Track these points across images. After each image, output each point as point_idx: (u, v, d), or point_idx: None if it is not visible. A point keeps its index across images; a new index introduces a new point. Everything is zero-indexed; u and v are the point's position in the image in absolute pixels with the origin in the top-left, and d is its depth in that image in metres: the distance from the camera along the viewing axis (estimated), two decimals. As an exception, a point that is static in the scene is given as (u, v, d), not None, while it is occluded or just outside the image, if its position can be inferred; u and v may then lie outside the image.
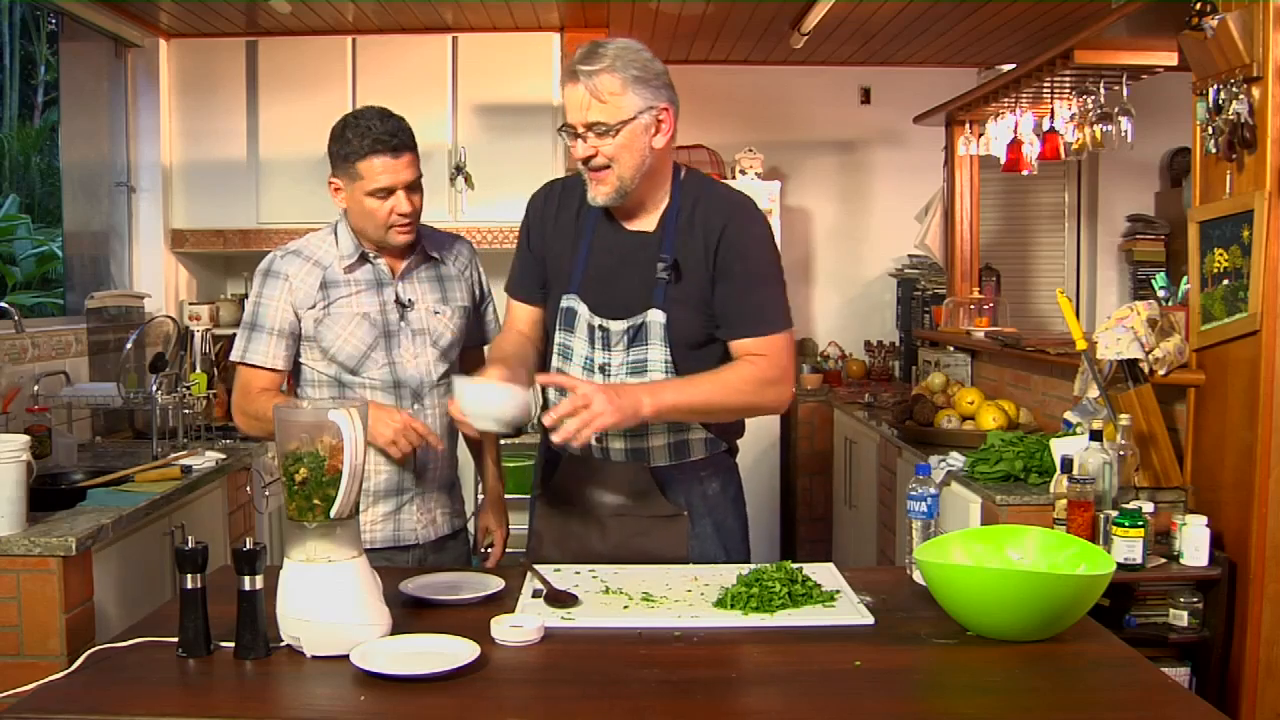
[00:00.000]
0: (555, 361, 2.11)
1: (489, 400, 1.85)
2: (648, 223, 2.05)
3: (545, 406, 2.07)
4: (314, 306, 2.17)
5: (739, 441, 2.21)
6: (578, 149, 1.96)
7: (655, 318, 2.00)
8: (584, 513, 2.11)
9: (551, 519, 2.16)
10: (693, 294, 2.01)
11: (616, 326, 2.02)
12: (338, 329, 2.17)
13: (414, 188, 2.14)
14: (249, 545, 1.57)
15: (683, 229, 2.02)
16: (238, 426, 2.25)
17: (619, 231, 2.06)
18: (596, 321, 2.04)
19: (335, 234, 2.23)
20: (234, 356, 2.21)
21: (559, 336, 2.09)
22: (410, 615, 1.72)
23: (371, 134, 2.08)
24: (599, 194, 1.98)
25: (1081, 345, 2.94)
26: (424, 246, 2.27)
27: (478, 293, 2.38)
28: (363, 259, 2.21)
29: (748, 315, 2.00)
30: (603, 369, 2.05)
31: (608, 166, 1.95)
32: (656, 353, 2.01)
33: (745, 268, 1.99)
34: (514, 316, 2.20)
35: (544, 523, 2.17)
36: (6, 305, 3.22)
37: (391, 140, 2.08)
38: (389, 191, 2.11)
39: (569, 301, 2.07)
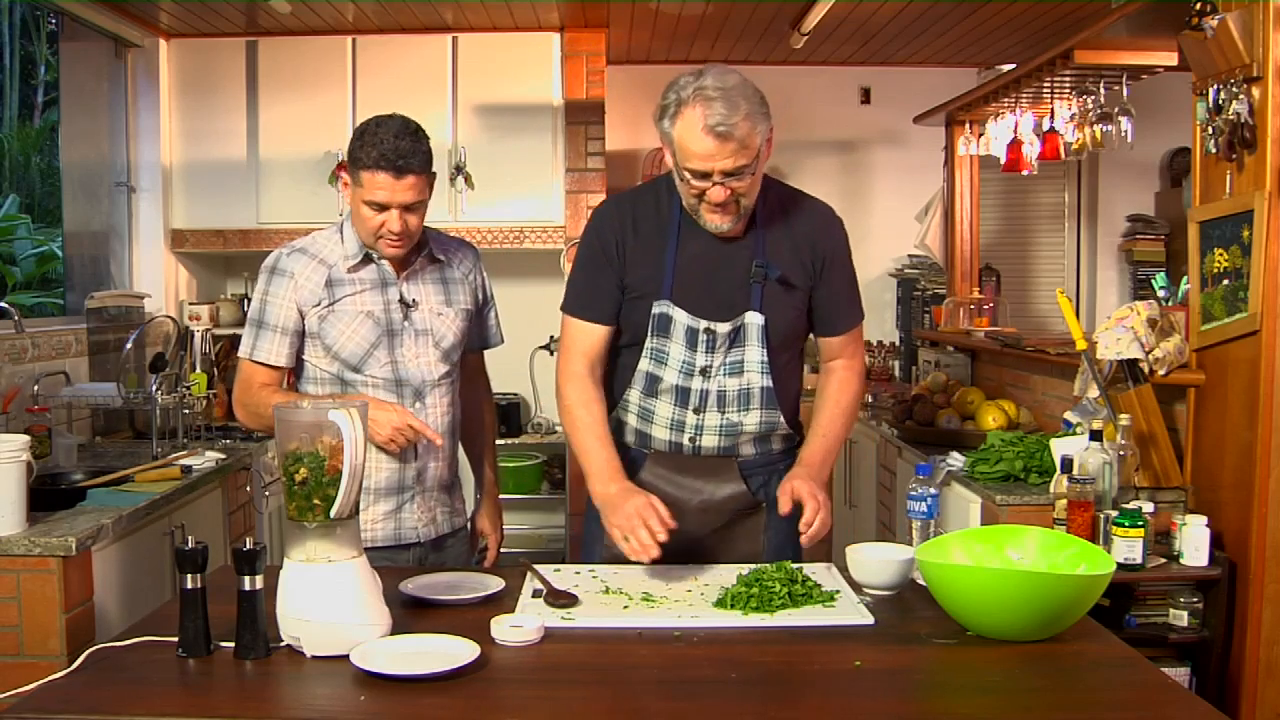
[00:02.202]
0: (646, 365, 2.10)
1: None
2: (737, 230, 2.07)
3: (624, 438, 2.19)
4: (319, 304, 2.18)
5: None
6: (712, 194, 1.93)
7: (754, 320, 2.06)
8: (670, 504, 2.10)
9: None
10: (784, 295, 2.08)
11: (723, 328, 2.06)
12: (341, 326, 2.18)
13: (412, 209, 2.12)
14: (249, 545, 1.57)
15: (775, 234, 2.08)
16: (237, 418, 2.27)
17: (710, 240, 2.06)
18: (701, 325, 2.06)
19: (341, 232, 2.23)
20: (241, 353, 2.23)
21: (652, 342, 2.09)
22: (410, 615, 1.73)
23: (381, 149, 2.06)
24: (724, 223, 2.00)
25: (1081, 345, 2.94)
26: (430, 249, 2.27)
27: (481, 297, 2.39)
28: (367, 259, 2.21)
29: (843, 313, 2.17)
30: (704, 371, 2.08)
31: (738, 202, 1.97)
32: (754, 353, 2.08)
33: (840, 274, 2.14)
34: (581, 340, 2.13)
35: None
36: (6, 305, 3.22)
37: (398, 160, 2.06)
38: (383, 207, 2.10)
39: (662, 308, 2.07)
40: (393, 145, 2.06)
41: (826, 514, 1.96)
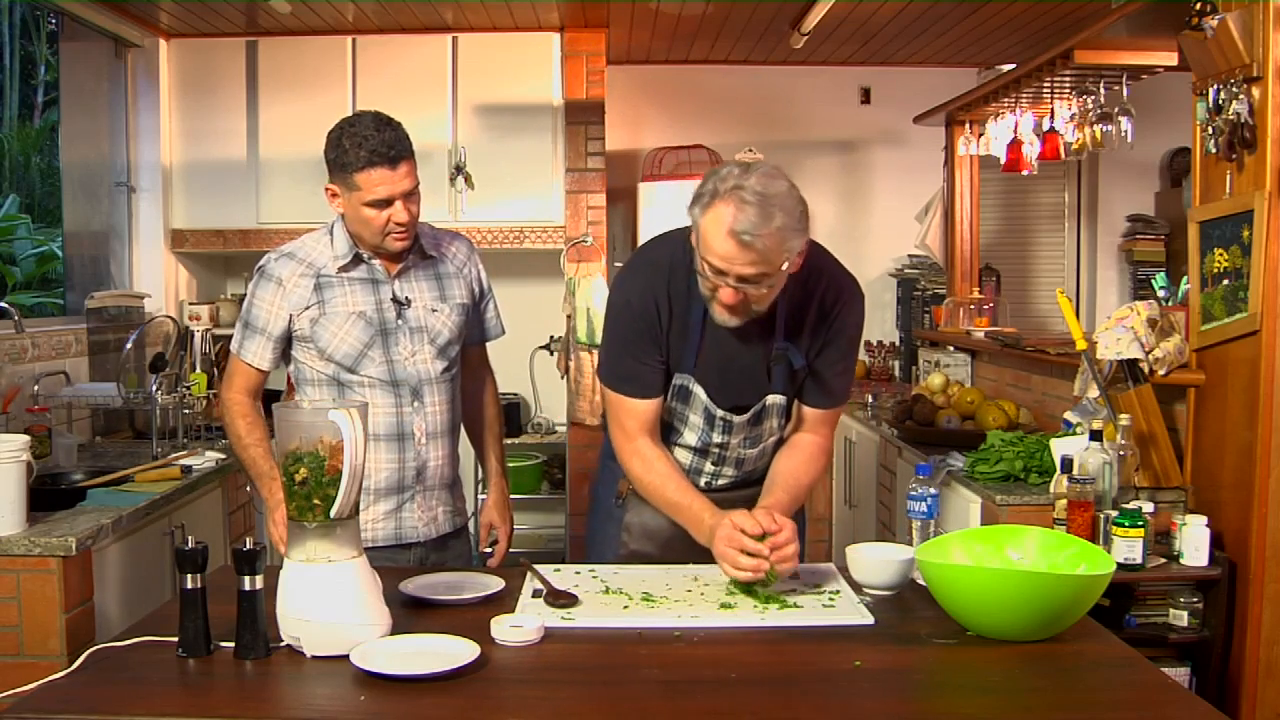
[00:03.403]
0: (666, 417, 2.11)
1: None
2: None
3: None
4: (309, 307, 2.18)
5: None
6: (722, 293, 1.88)
7: (775, 401, 2.07)
8: None
9: (645, 513, 2.17)
10: (798, 377, 2.08)
11: (739, 419, 2.07)
12: (333, 328, 2.18)
13: (412, 196, 2.13)
14: (249, 545, 1.57)
15: (796, 311, 2.02)
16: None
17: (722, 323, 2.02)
18: (718, 412, 2.06)
19: (331, 234, 2.22)
20: (232, 347, 2.26)
21: (673, 404, 2.09)
22: (410, 615, 1.73)
23: (368, 145, 2.05)
24: (730, 320, 1.93)
25: (1081, 345, 2.94)
26: (421, 244, 2.26)
27: (477, 290, 2.37)
28: (357, 259, 2.20)
29: (829, 390, 2.10)
30: (720, 446, 2.11)
31: (746, 303, 1.91)
32: (772, 423, 2.11)
33: (838, 352, 2.08)
34: (634, 414, 2.07)
35: (637, 516, 2.19)
36: (6, 305, 3.22)
37: (389, 151, 2.06)
38: (387, 202, 2.10)
39: (683, 380, 2.06)
40: (379, 138, 2.06)
41: (794, 542, 1.86)
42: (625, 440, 2.09)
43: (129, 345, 3.62)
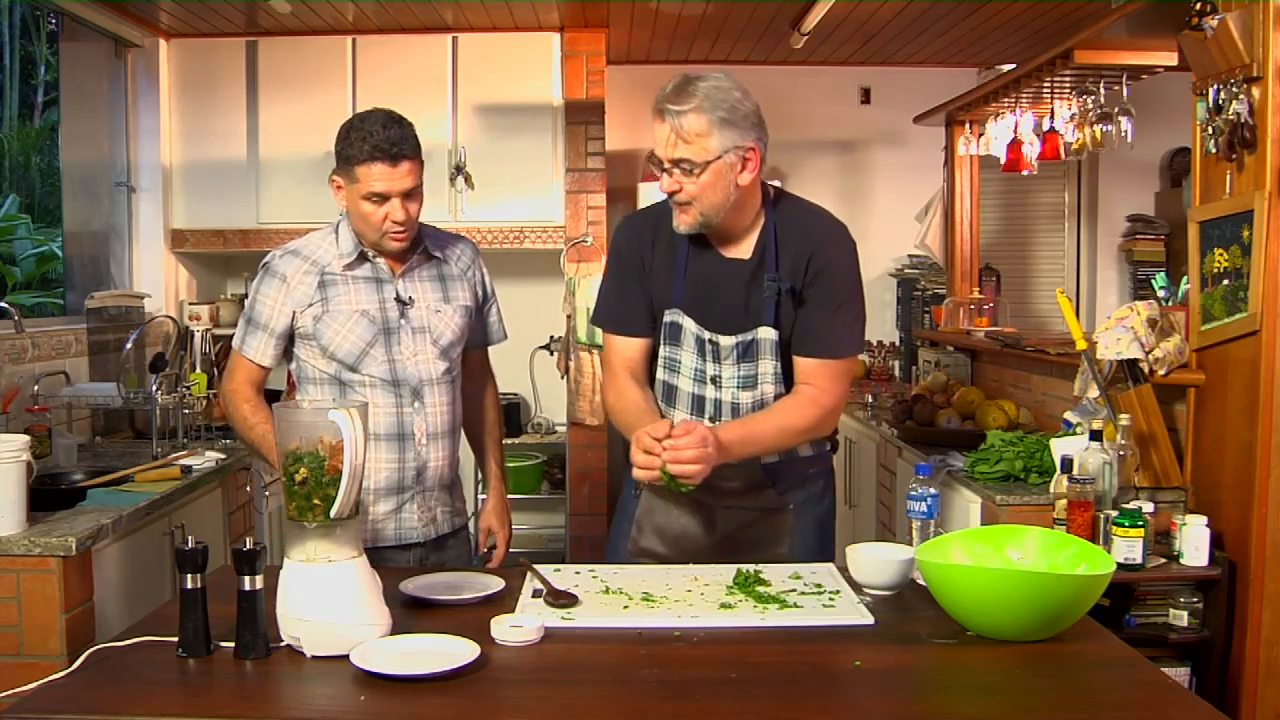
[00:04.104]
0: (661, 374, 2.14)
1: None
2: (742, 250, 2.09)
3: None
4: (312, 305, 2.18)
5: None
6: (664, 183, 1.99)
7: (768, 335, 2.06)
8: (692, 503, 2.14)
9: (656, 511, 2.18)
10: (791, 311, 2.07)
11: (726, 341, 2.07)
12: (336, 326, 2.18)
13: (411, 195, 2.14)
14: (249, 545, 1.57)
15: (783, 250, 2.06)
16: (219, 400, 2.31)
17: (715, 259, 2.09)
18: (706, 335, 2.07)
19: (336, 232, 2.24)
20: (234, 343, 2.26)
21: (665, 350, 2.12)
22: (410, 615, 1.72)
23: (372, 140, 2.08)
24: (681, 223, 2.02)
25: (1081, 345, 2.94)
26: (426, 246, 2.27)
27: (480, 293, 2.38)
28: (362, 257, 2.21)
29: (821, 336, 2.06)
30: (714, 380, 2.10)
31: (690, 203, 1.98)
32: (767, 365, 2.08)
33: (826, 291, 2.06)
34: (619, 353, 2.16)
35: (647, 514, 2.20)
36: (6, 305, 3.22)
37: (391, 149, 2.08)
38: (384, 198, 2.11)
39: (673, 316, 2.09)
40: (384, 135, 2.09)
41: (704, 455, 1.87)
42: (610, 379, 2.15)
43: (129, 345, 3.62)
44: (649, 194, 4.74)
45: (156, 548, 2.77)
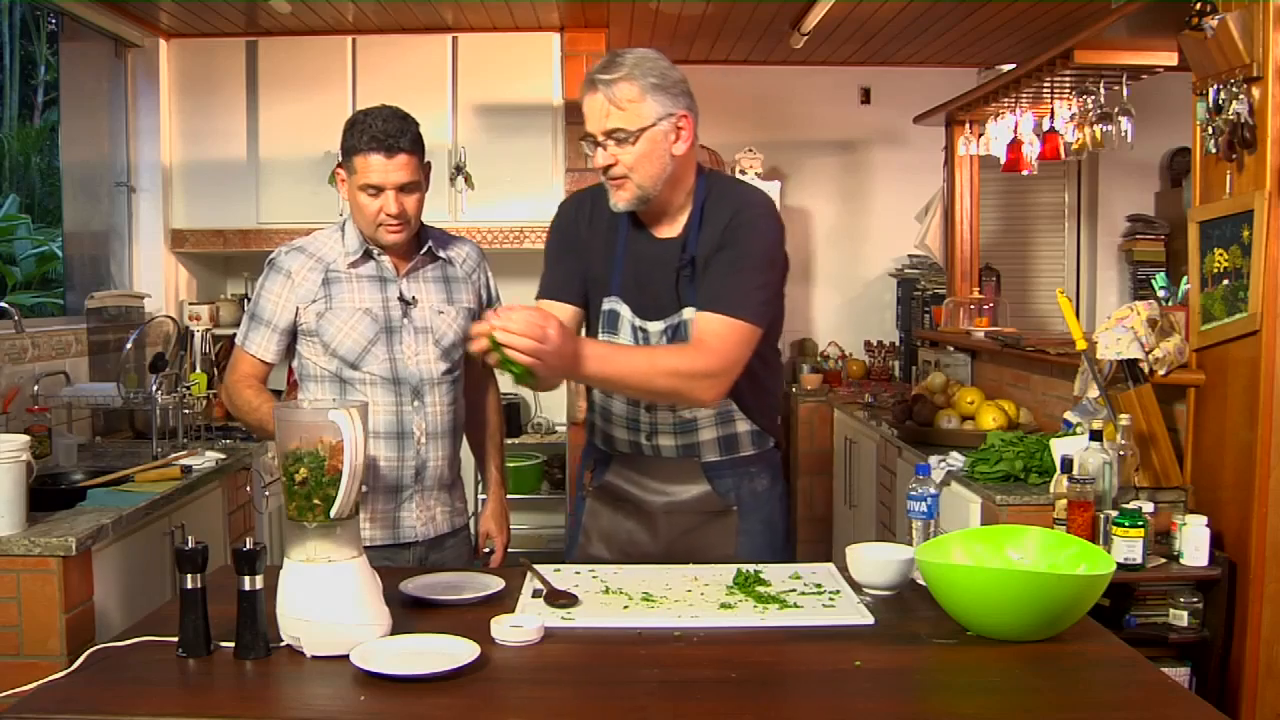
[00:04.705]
0: None
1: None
2: (674, 228, 2.07)
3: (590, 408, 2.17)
4: (315, 301, 2.19)
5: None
6: (598, 157, 1.98)
7: (691, 315, 2.01)
8: (635, 509, 2.13)
9: (601, 516, 2.17)
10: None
11: (654, 327, 2.04)
12: (339, 323, 2.19)
13: (408, 190, 2.15)
14: (249, 545, 1.57)
15: (705, 227, 2.03)
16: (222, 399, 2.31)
17: (649, 240, 2.07)
18: (638, 323, 2.05)
19: (343, 230, 2.26)
20: (236, 339, 2.27)
21: (603, 337, 2.10)
22: (410, 615, 1.72)
23: (370, 131, 2.11)
24: (619, 199, 1.99)
25: (1081, 345, 2.94)
26: (431, 247, 2.28)
27: (485, 296, 2.39)
28: (367, 255, 2.22)
29: (719, 293, 1.94)
30: None
31: (627, 176, 1.97)
32: None
33: (733, 253, 1.97)
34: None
35: (593, 520, 2.19)
36: (6, 305, 3.22)
37: (387, 140, 2.10)
38: (379, 190, 2.13)
39: (611, 304, 2.08)
40: (381, 127, 2.11)
41: (539, 350, 1.67)
42: None
43: (129, 345, 3.62)
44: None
45: (156, 548, 2.77)
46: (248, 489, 3.53)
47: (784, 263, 2.06)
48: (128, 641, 1.61)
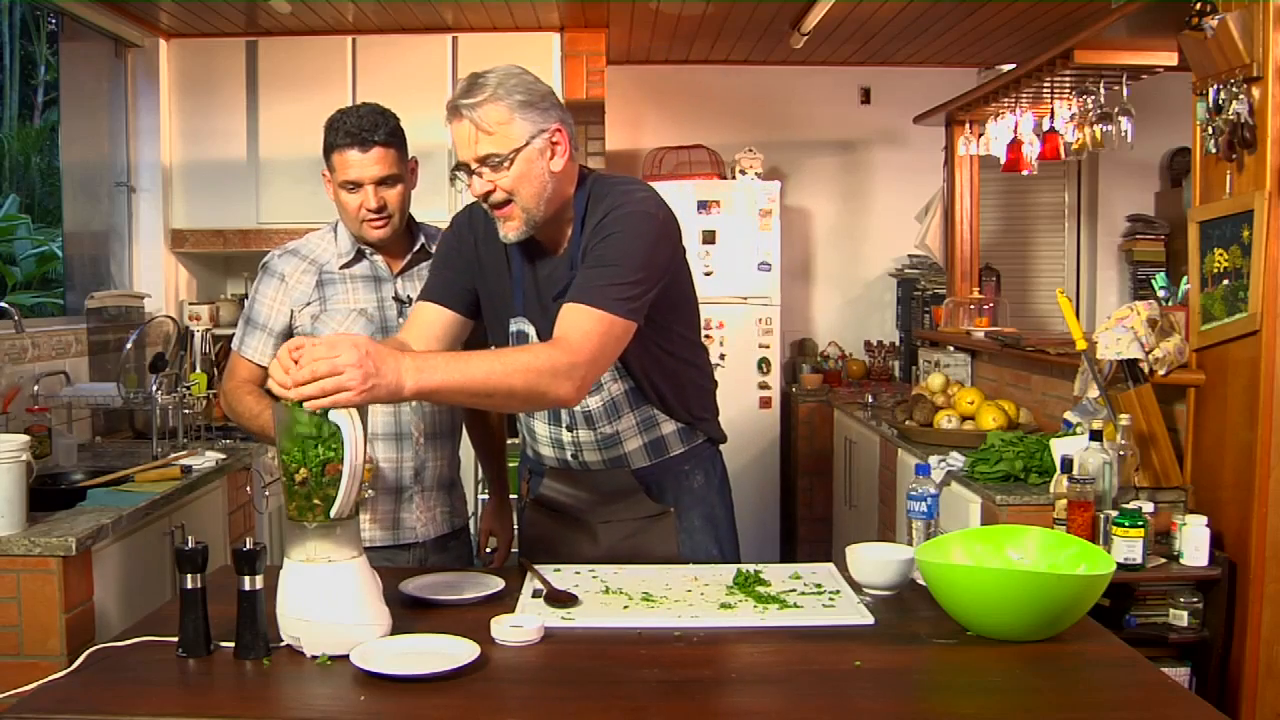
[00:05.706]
0: None
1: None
2: (562, 243, 1.96)
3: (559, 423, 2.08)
4: (310, 304, 2.19)
5: (726, 431, 2.19)
6: (474, 186, 1.84)
7: None
8: (573, 521, 2.12)
9: (541, 527, 2.16)
10: None
11: None
12: (334, 325, 2.19)
13: (387, 183, 2.14)
14: (249, 545, 1.57)
15: (584, 234, 1.90)
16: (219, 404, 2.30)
17: (543, 258, 1.97)
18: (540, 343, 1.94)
19: (335, 232, 2.25)
20: (233, 345, 2.27)
21: None
22: (410, 615, 1.72)
23: (344, 128, 2.11)
24: (509, 231, 1.86)
25: (1081, 345, 2.94)
26: (424, 245, 2.27)
27: None
28: (360, 255, 2.22)
29: (579, 286, 1.80)
30: None
31: (509, 201, 1.84)
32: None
33: (602, 249, 1.83)
34: (423, 320, 1.98)
35: (534, 530, 2.18)
36: (6, 305, 3.22)
37: (360, 135, 2.10)
38: (357, 185, 2.13)
39: (518, 324, 1.98)
40: (355, 123, 2.11)
41: (335, 388, 1.50)
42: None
43: (129, 345, 3.62)
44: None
45: (156, 548, 2.77)
46: (248, 489, 3.53)
47: (665, 259, 1.90)
48: (128, 641, 1.61)
